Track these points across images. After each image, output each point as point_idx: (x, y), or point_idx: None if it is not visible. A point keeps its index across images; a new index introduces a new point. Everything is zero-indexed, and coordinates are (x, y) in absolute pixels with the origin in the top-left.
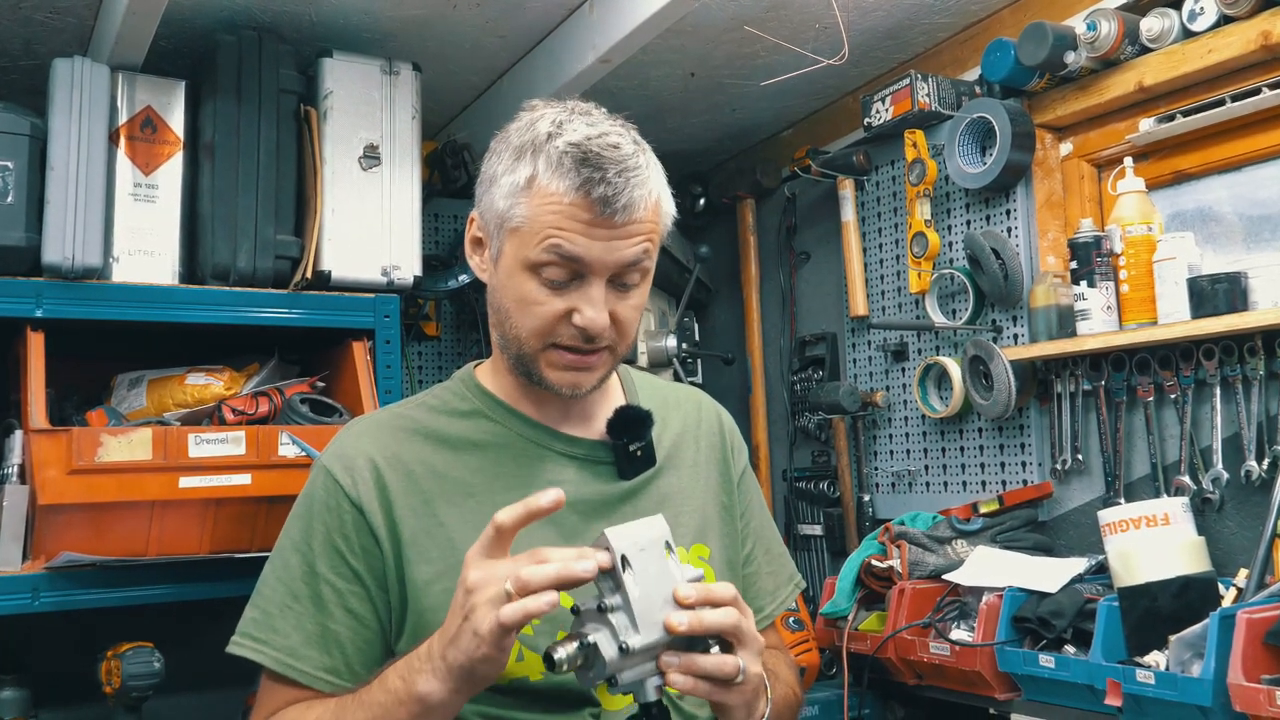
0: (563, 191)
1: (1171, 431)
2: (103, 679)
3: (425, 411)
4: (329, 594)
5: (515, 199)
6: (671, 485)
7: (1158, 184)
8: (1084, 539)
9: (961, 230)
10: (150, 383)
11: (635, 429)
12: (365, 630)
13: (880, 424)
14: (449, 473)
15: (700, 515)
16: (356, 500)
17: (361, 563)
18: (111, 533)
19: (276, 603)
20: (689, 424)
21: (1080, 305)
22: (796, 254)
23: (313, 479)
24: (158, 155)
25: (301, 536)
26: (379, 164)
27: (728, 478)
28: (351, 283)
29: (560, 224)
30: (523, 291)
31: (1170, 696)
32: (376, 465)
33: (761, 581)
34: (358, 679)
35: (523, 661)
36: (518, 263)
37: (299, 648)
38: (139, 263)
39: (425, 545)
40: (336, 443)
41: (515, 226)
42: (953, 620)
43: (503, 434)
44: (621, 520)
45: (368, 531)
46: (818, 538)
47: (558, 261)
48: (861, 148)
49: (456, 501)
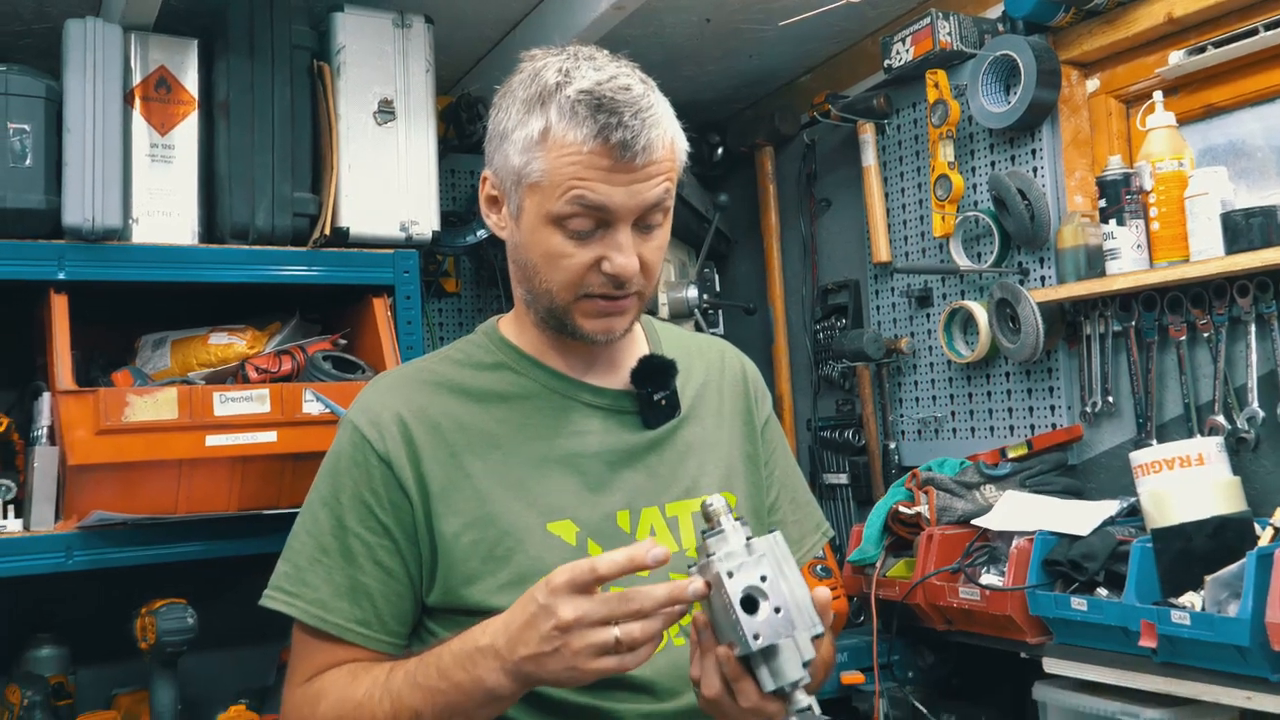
0: (580, 140)
1: (1205, 371)
2: (138, 635)
3: (450, 365)
4: (358, 547)
5: (531, 154)
6: (696, 435)
7: (1188, 118)
8: (1115, 482)
9: (986, 172)
10: (174, 343)
11: (659, 378)
12: (395, 583)
13: (905, 371)
14: (475, 425)
15: (725, 465)
16: (384, 455)
17: (390, 517)
18: (141, 492)
19: (306, 557)
20: (713, 373)
21: (1109, 244)
22: (817, 201)
23: (340, 435)
24: (173, 115)
25: (330, 492)
26: (394, 119)
27: (751, 426)
28: (370, 239)
29: (581, 174)
30: (548, 246)
31: (1207, 637)
32: (403, 420)
33: (788, 530)
34: (388, 631)
35: None
36: (540, 217)
37: (329, 600)
38: (158, 223)
39: (453, 498)
40: (362, 399)
41: (534, 181)
42: (982, 565)
43: (527, 385)
44: (646, 469)
45: (396, 486)
46: (843, 487)
47: (582, 212)
48: (882, 91)
49: (483, 453)
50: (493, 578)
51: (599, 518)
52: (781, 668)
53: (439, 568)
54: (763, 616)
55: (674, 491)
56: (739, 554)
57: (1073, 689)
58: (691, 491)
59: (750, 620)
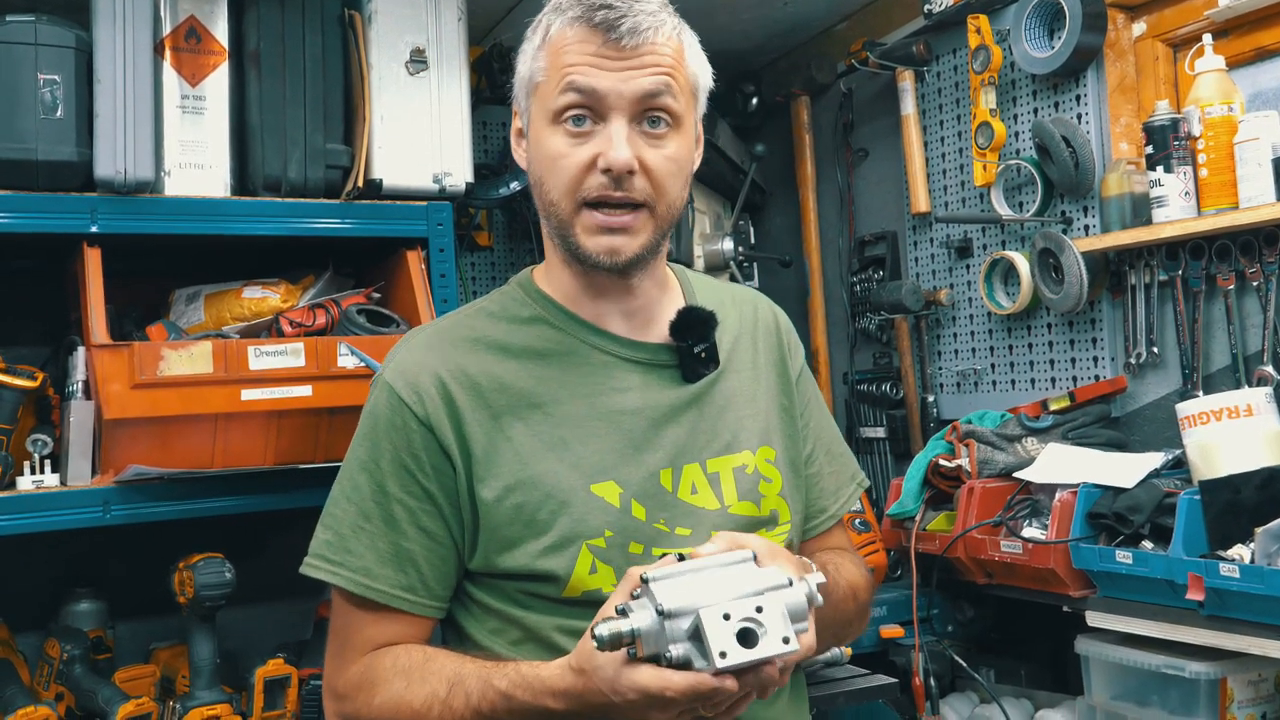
0: (570, 29)
1: (1254, 320)
2: (175, 590)
3: (486, 319)
4: (401, 513)
5: (535, 59)
6: (733, 387)
7: (1237, 62)
8: (1159, 434)
9: (1028, 119)
10: (207, 297)
11: (700, 330)
12: (440, 547)
13: (944, 323)
14: (515, 384)
15: (764, 417)
16: (425, 418)
17: (433, 481)
18: (177, 446)
19: (348, 524)
20: (746, 324)
21: (1156, 192)
22: (854, 151)
23: (375, 396)
24: (203, 66)
25: (369, 456)
26: (426, 68)
27: (786, 378)
28: (403, 191)
29: (571, 60)
30: (549, 147)
31: (1256, 589)
32: (443, 380)
33: (824, 481)
34: (433, 595)
35: (596, 574)
36: (543, 119)
37: (374, 567)
38: (190, 175)
39: (495, 461)
40: (398, 357)
41: (539, 81)
42: (1024, 518)
43: (565, 341)
44: (687, 425)
45: (438, 450)
46: (880, 440)
47: (576, 100)
48: (921, 37)
49: (522, 414)
50: (535, 542)
51: (642, 477)
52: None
53: (480, 533)
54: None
55: (715, 447)
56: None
57: (1115, 642)
58: (732, 446)
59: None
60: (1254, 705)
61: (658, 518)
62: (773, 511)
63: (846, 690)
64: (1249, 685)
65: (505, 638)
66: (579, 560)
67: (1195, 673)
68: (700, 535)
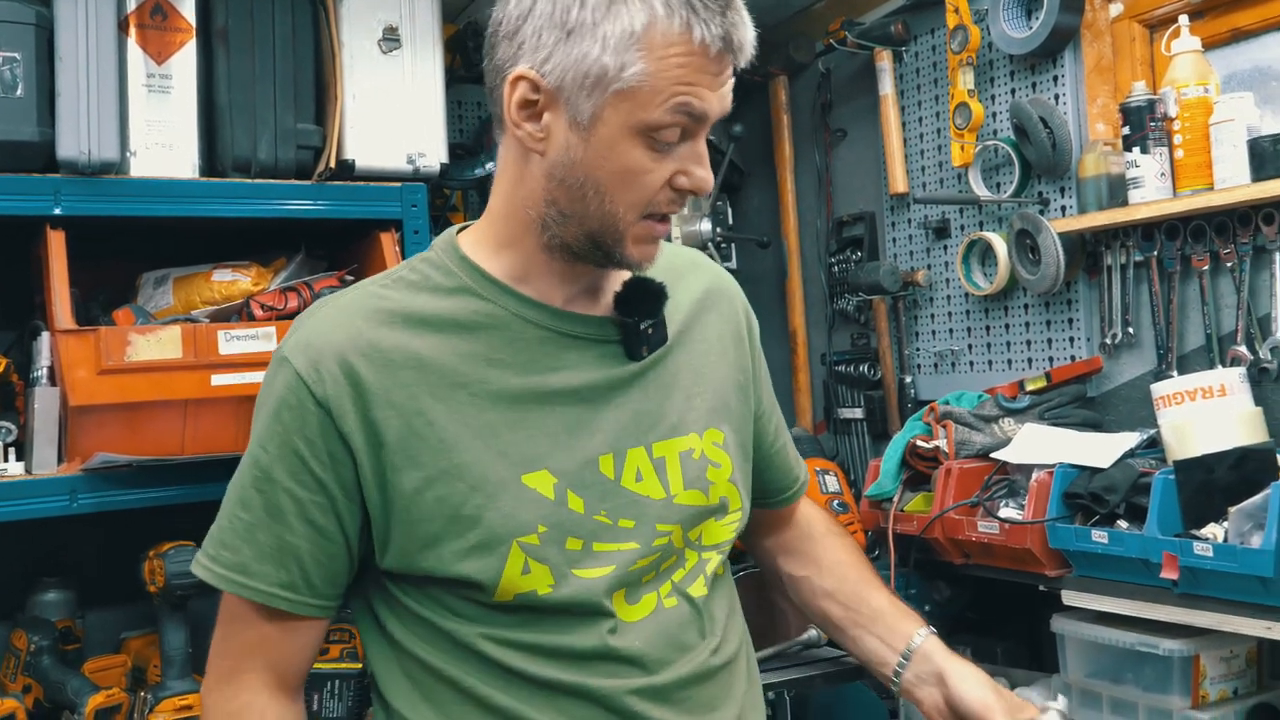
0: (702, 40)
1: (1227, 301)
2: (146, 578)
3: (404, 289)
4: (287, 503)
5: (627, 53)
6: (682, 363)
7: (1213, 43)
8: (1134, 414)
9: (1006, 100)
10: (176, 281)
11: (648, 304)
12: (329, 544)
13: (922, 304)
14: (435, 361)
15: (714, 396)
16: (323, 400)
17: (328, 471)
18: (145, 433)
19: (228, 514)
20: (698, 294)
21: (1132, 173)
22: (832, 131)
23: (272, 372)
24: (170, 44)
25: (258, 439)
26: (399, 46)
27: (742, 352)
28: (376, 171)
29: (690, 78)
30: (628, 161)
31: (1229, 568)
32: (348, 358)
33: (789, 450)
34: (316, 594)
35: (529, 574)
36: (627, 129)
37: (250, 563)
38: (157, 156)
39: (413, 448)
40: (301, 330)
41: (630, 87)
42: (1001, 499)
43: (494, 313)
44: (630, 406)
45: (336, 436)
46: (858, 421)
47: (682, 122)
48: (899, 16)
49: (445, 395)
50: (459, 540)
51: (579, 464)
52: None
53: (394, 527)
54: None
55: (660, 430)
56: None
57: (1090, 621)
58: (678, 429)
59: None
60: (1225, 681)
61: (598, 509)
62: (722, 499)
63: (825, 672)
64: (1221, 661)
65: (435, 647)
66: (509, 560)
67: (1169, 650)
68: (643, 527)
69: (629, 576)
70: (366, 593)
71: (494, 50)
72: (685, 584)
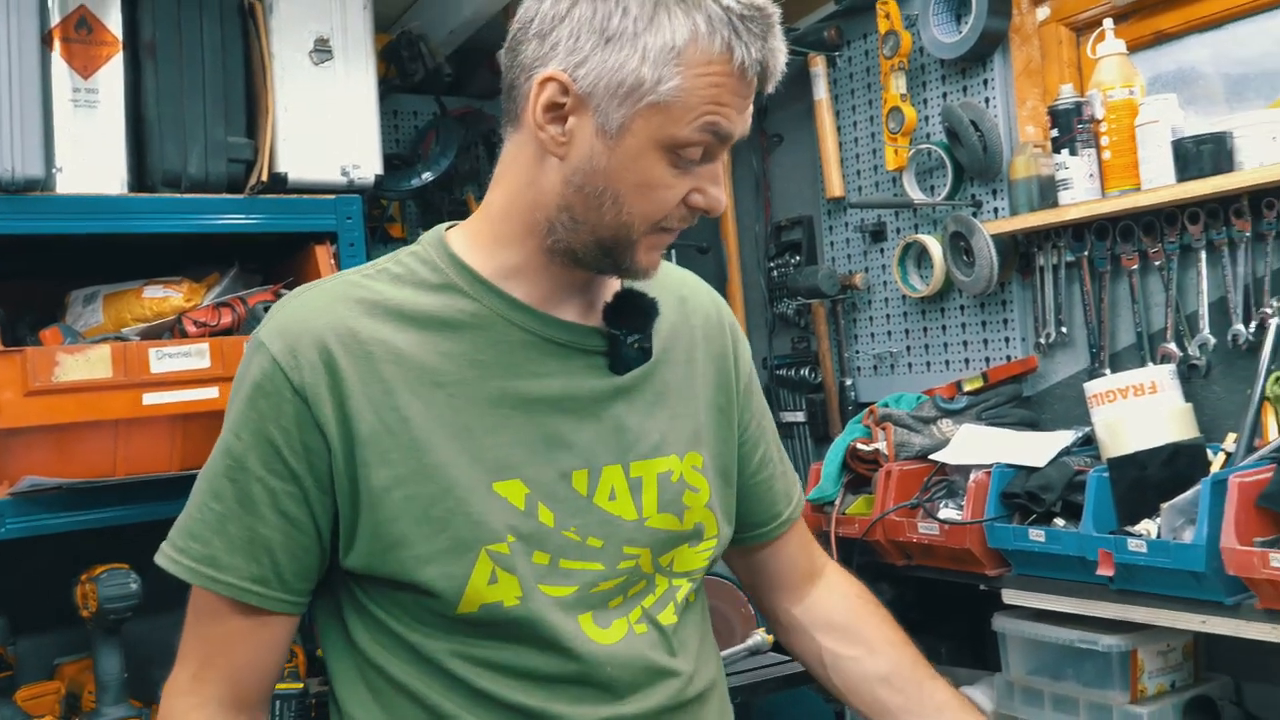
0: (741, 62)
1: (1156, 299)
2: (79, 603)
3: (388, 281)
4: (260, 493)
5: (666, 67)
6: (667, 382)
7: (1138, 45)
8: (1069, 412)
9: (938, 103)
10: (106, 298)
11: (638, 318)
12: (302, 536)
13: (860, 306)
14: (414, 356)
15: (696, 418)
16: (300, 387)
17: (302, 461)
18: (76, 454)
19: (198, 504)
20: (684, 312)
21: (1062, 174)
22: (768, 136)
23: (248, 357)
24: (96, 58)
25: (232, 427)
26: (331, 58)
27: (726, 376)
28: (310, 184)
29: (722, 98)
30: (651, 175)
31: (1163, 564)
32: (327, 346)
33: (776, 484)
34: (288, 589)
35: (496, 584)
36: (653, 142)
37: (221, 555)
38: (84, 172)
39: (385, 444)
40: (279, 315)
41: (664, 101)
42: (941, 500)
43: (480, 314)
44: (611, 421)
45: (312, 426)
46: (800, 424)
47: (708, 141)
48: (832, 22)
49: (422, 393)
50: (425, 544)
51: (552, 477)
52: None
53: (362, 524)
54: None
55: (640, 449)
56: None
57: (1031, 619)
58: (659, 449)
59: None
60: (1163, 675)
61: (568, 525)
62: (697, 525)
63: (770, 678)
64: (1158, 655)
65: (400, 659)
66: (476, 567)
67: (1107, 646)
68: (610, 548)
69: (592, 598)
70: (334, 595)
71: (520, 47)
72: (655, 611)
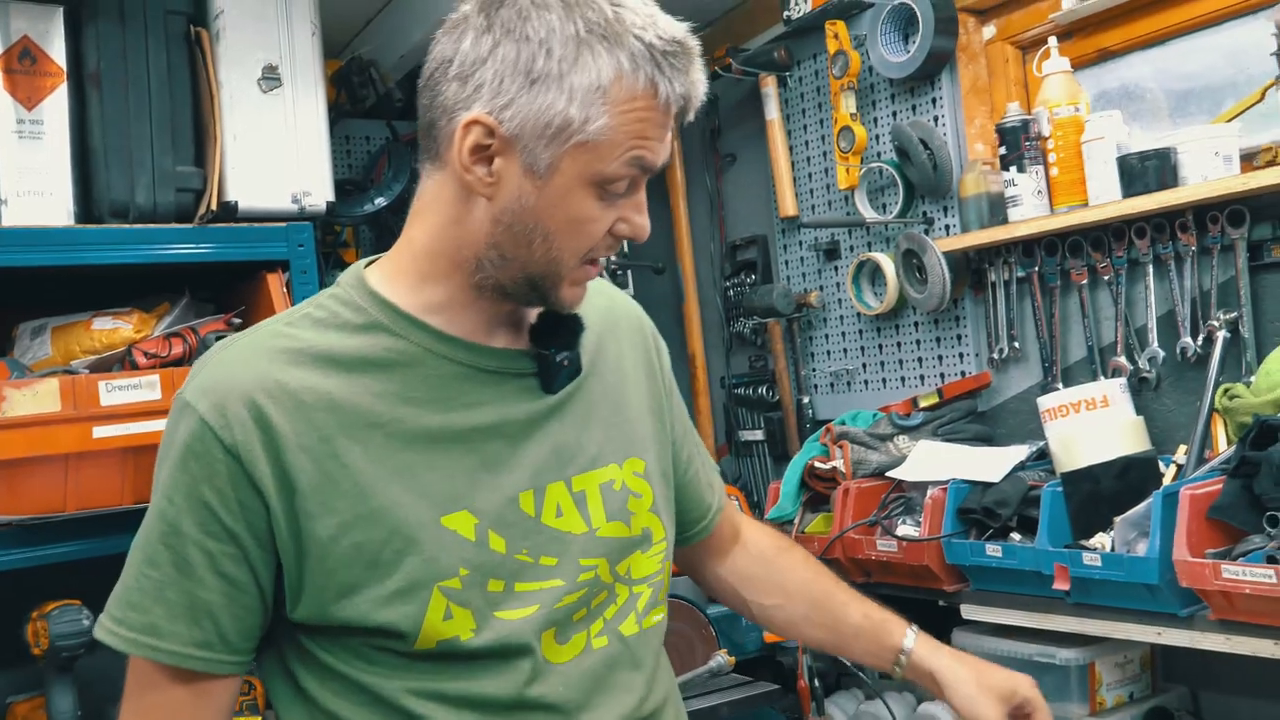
0: (665, 97)
1: (1106, 313)
2: (30, 641)
3: (310, 327)
4: (197, 557)
5: (593, 106)
6: (598, 394)
7: (1082, 63)
8: (1024, 426)
9: (888, 122)
10: (54, 330)
11: (564, 336)
12: (243, 595)
13: (816, 325)
14: (347, 401)
15: (633, 425)
16: (232, 446)
17: (239, 521)
18: (24, 490)
19: (134, 573)
20: (607, 322)
21: (1011, 191)
22: (722, 156)
23: (174, 420)
24: (40, 88)
25: (164, 491)
26: (280, 85)
27: (655, 380)
28: (261, 212)
29: (647, 132)
30: (580, 211)
31: (1118, 577)
32: (256, 401)
33: (702, 477)
34: (232, 650)
35: (451, 620)
36: (583, 179)
37: (162, 623)
38: (30, 204)
39: (327, 493)
40: (203, 373)
41: (592, 140)
42: (899, 516)
43: (408, 351)
44: (548, 440)
45: (247, 484)
46: (759, 443)
47: (635, 174)
48: (782, 43)
49: (359, 436)
50: (378, 586)
51: (500, 503)
52: None
53: (308, 577)
54: None
55: (579, 463)
56: None
57: (990, 634)
58: (598, 460)
59: None
60: (1121, 686)
61: (519, 548)
62: (645, 530)
63: (731, 700)
64: (1116, 668)
65: (353, 702)
66: (430, 606)
67: (1065, 659)
68: (566, 563)
69: (557, 615)
70: (279, 646)
71: (439, 87)
72: (617, 621)
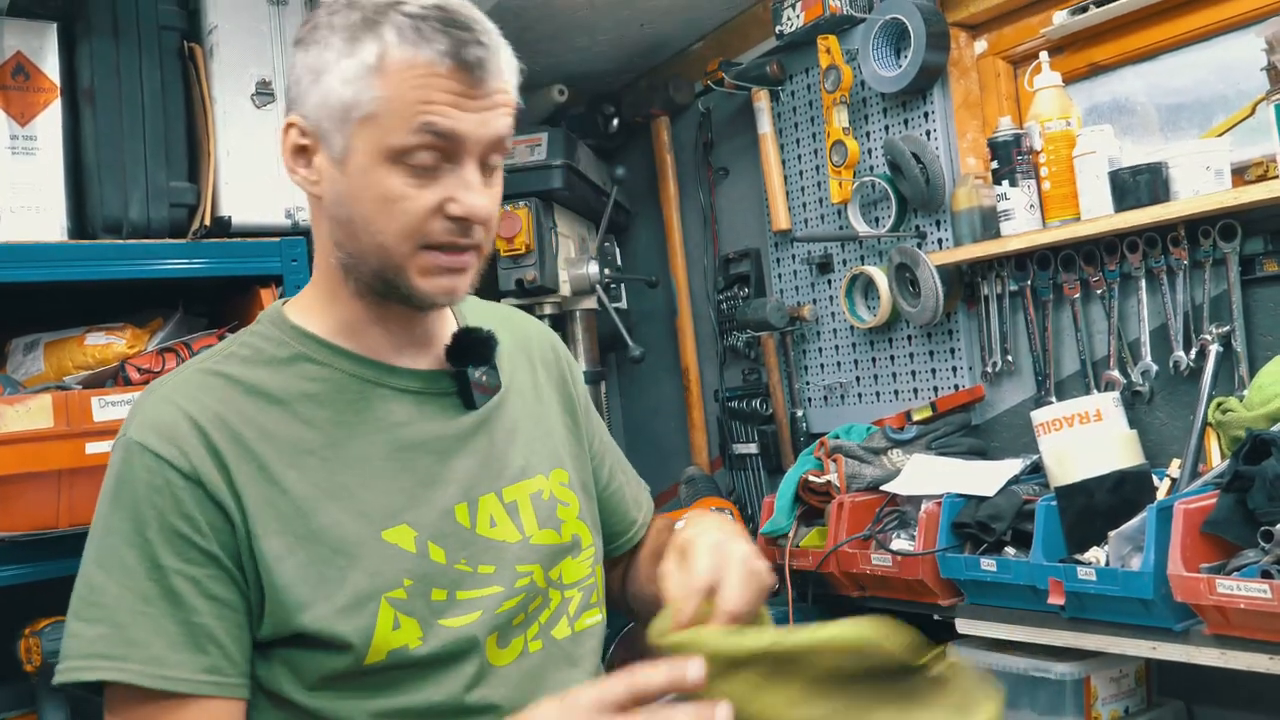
0: (431, 60)
1: (1099, 327)
2: (23, 657)
3: (238, 364)
4: (184, 585)
5: (363, 82)
6: (519, 409)
7: (1073, 78)
8: (1017, 440)
9: (880, 136)
10: (47, 346)
11: (479, 352)
12: (235, 614)
13: (809, 338)
14: (281, 431)
15: (552, 438)
16: (190, 472)
17: (213, 541)
18: (17, 506)
19: (126, 610)
20: (520, 344)
21: (1003, 205)
22: (715, 170)
23: (123, 461)
24: (33, 104)
25: (133, 529)
26: (273, 100)
27: (569, 398)
28: (254, 227)
29: (430, 97)
30: (385, 188)
31: (1112, 591)
32: (202, 428)
33: (626, 492)
34: (240, 672)
35: (400, 629)
36: (377, 155)
37: (165, 654)
38: (23, 220)
39: (268, 516)
40: (141, 414)
41: (369, 114)
42: (893, 530)
43: (331, 377)
44: (476, 454)
45: (212, 505)
46: (753, 456)
47: (430, 142)
48: (774, 57)
49: (296, 462)
50: (328, 602)
51: (436, 516)
52: None
53: (266, 592)
54: None
55: (509, 474)
56: None
57: (986, 648)
58: (526, 471)
59: None
60: (1117, 701)
61: (458, 558)
62: (574, 537)
63: None
64: (1111, 682)
65: None
66: (379, 616)
67: (1060, 674)
68: (504, 571)
69: (499, 620)
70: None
71: None
72: (550, 625)
